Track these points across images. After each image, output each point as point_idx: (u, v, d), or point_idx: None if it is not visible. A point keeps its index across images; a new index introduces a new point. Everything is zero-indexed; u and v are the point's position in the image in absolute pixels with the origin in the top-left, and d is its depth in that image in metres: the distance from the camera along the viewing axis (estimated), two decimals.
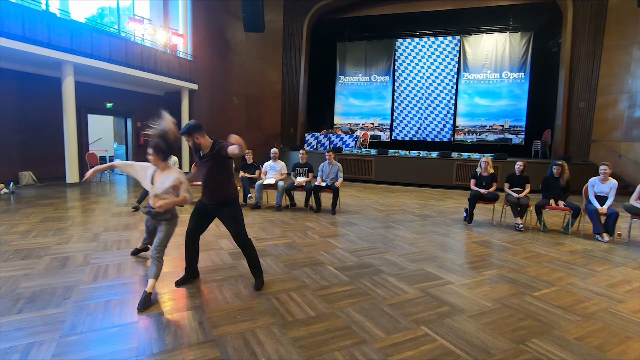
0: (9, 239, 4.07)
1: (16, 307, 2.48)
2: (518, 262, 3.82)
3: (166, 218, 2.85)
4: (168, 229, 2.85)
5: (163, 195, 2.79)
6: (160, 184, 2.78)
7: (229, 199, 2.91)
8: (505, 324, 2.46)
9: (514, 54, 12.39)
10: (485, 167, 5.65)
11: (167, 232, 2.84)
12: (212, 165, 2.80)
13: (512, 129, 12.57)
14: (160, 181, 2.80)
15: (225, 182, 2.89)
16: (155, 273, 2.66)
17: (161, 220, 2.85)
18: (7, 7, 6.98)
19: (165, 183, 2.77)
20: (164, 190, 2.77)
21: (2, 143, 8.33)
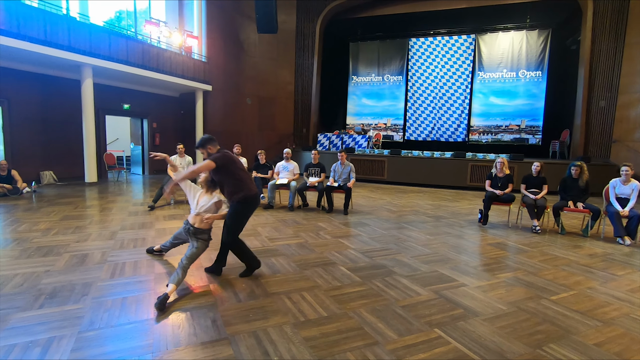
0: (31, 237, 4.21)
1: (37, 303, 2.56)
2: (535, 264, 3.74)
3: (203, 238, 3.09)
4: (201, 247, 3.06)
5: (203, 213, 3.08)
6: (203, 202, 3.13)
7: (235, 199, 3.07)
8: (521, 328, 2.41)
9: (531, 52, 12.12)
10: (501, 167, 5.55)
11: (200, 249, 3.03)
12: (215, 171, 3.04)
13: (529, 129, 12.30)
14: (203, 200, 3.14)
15: (233, 185, 3.06)
16: (178, 281, 2.75)
17: (199, 238, 3.06)
18: (30, 12, 7.22)
19: (209, 202, 3.11)
20: (206, 208, 3.10)
21: (26, 143, 8.61)
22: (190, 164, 6.68)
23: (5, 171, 6.88)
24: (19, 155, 8.45)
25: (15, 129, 8.41)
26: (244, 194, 3.05)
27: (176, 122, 12.60)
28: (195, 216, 3.10)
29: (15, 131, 8.41)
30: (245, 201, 3.08)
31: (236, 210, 3.08)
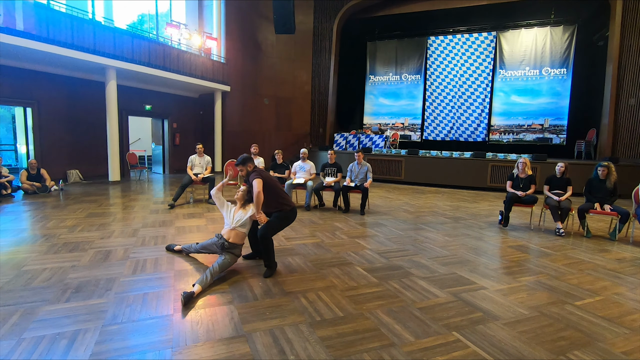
0: (59, 233, 4.38)
1: (64, 296, 2.67)
2: (558, 268, 3.62)
3: (235, 253, 3.27)
4: (230, 260, 3.20)
5: (237, 228, 3.28)
6: (239, 217, 3.32)
7: (273, 211, 3.34)
8: (543, 333, 2.33)
9: (556, 49, 11.72)
10: (523, 168, 5.40)
11: (229, 261, 3.19)
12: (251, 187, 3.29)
13: (553, 128, 11.90)
14: (239, 215, 3.34)
15: (270, 198, 3.29)
16: (204, 284, 2.87)
17: (229, 251, 3.22)
18: (59, 17, 7.51)
19: (245, 217, 3.31)
20: (242, 222, 3.30)
21: (54, 143, 8.98)
22: (209, 164, 6.81)
23: (35, 170, 7.19)
24: (48, 154, 8.81)
25: (44, 130, 8.78)
26: (292, 207, 3.41)
27: (195, 122, 12.85)
28: (230, 230, 3.28)
29: (44, 131, 8.78)
30: (293, 212, 3.43)
31: (284, 216, 3.36)
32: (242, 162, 3.42)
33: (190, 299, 2.65)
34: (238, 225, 3.30)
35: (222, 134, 12.34)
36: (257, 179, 3.21)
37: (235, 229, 3.29)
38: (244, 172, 3.41)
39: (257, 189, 3.16)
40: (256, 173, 3.30)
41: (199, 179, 6.49)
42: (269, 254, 3.27)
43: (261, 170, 3.38)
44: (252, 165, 3.44)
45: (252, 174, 3.31)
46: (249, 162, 3.42)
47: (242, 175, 3.45)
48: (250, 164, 3.42)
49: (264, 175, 3.30)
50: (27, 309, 2.46)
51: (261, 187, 3.18)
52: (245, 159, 3.42)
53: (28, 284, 2.86)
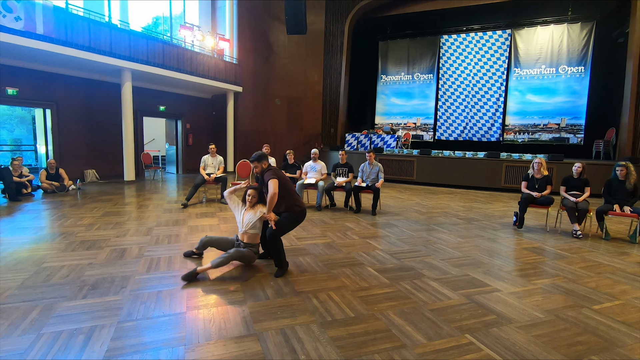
0: (76, 231, 4.49)
1: (82, 293, 2.74)
2: (575, 271, 3.54)
3: (254, 250, 3.41)
4: (249, 254, 3.34)
5: (248, 230, 3.37)
6: (248, 219, 3.39)
7: (286, 210, 3.33)
8: (559, 337, 2.28)
9: (573, 46, 11.44)
10: (539, 168, 5.29)
11: (248, 255, 3.33)
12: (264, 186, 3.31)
13: (570, 128, 11.61)
14: (248, 217, 3.40)
15: (281, 199, 3.26)
16: (216, 264, 3.08)
17: (249, 248, 3.38)
18: (76, 20, 7.71)
19: (254, 219, 3.38)
20: (252, 224, 3.37)
21: (72, 144, 9.21)
22: (221, 164, 6.88)
23: (54, 169, 7.39)
24: (66, 154, 9.05)
25: (62, 130, 9.02)
26: (302, 209, 3.39)
27: (208, 122, 13.01)
28: (243, 234, 3.39)
29: (62, 132, 9.02)
30: (302, 213, 3.40)
31: (293, 217, 3.35)
32: (258, 158, 3.36)
33: (192, 277, 2.99)
34: (249, 228, 3.36)
35: (234, 134, 12.46)
36: (274, 179, 3.17)
37: (247, 232, 3.37)
38: (259, 169, 3.37)
39: (273, 190, 3.14)
40: (272, 172, 3.26)
41: (211, 179, 6.57)
42: (278, 254, 3.28)
43: (276, 169, 3.35)
44: (267, 163, 3.40)
45: (267, 173, 3.28)
46: (264, 160, 3.37)
47: (256, 172, 3.40)
48: (265, 161, 3.38)
49: (279, 175, 3.28)
50: (46, 304, 2.53)
51: (277, 188, 3.16)
52: (261, 156, 3.37)
53: (47, 281, 2.95)
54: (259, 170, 3.37)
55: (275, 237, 3.24)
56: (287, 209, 3.32)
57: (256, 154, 3.38)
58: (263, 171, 3.35)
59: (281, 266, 3.29)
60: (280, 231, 3.29)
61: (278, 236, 3.27)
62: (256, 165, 3.36)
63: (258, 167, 3.36)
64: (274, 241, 3.25)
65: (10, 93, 7.99)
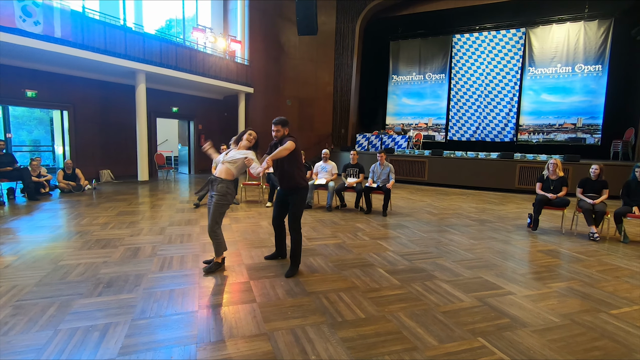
0: (92, 230, 4.59)
1: (97, 291, 2.80)
2: (592, 275, 3.45)
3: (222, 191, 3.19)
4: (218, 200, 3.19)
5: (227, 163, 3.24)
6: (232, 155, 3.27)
7: (298, 186, 3.25)
8: (575, 342, 2.23)
9: (590, 44, 11.17)
10: (554, 169, 5.18)
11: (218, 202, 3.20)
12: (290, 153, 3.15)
13: (587, 128, 11.34)
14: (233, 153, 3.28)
15: (294, 172, 3.22)
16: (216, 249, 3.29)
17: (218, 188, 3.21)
18: (93, 24, 7.88)
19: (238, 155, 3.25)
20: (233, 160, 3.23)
21: (88, 144, 9.42)
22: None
23: (71, 170, 7.57)
24: (82, 155, 9.25)
25: (79, 131, 9.23)
26: (306, 184, 3.29)
27: (220, 123, 13.14)
28: (221, 168, 3.25)
29: (79, 133, 9.23)
30: (307, 189, 3.31)
31: (302, 196, 3.26)
32: (283, 123, 3.24)
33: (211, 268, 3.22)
34: (228, 161, 3.22)
35: None
36: (292, 141, 3.11)
37: (225, 164, 3.23)
38: (280, 133, 3.23)
39: (289, 147, 3.05)
40: (293, 138, 3.18)
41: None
42: (299, 248, 3.25)
43: (296, 139, 3.22)
44: (288, 130, 3.29)
45: (287, 137, 3.20)
46: (288, 126, 3.26)
47: (276, 136, 3.26)
48: (288, 128, 3.28)
49: (298, 144, 3.19)
50: (63, 301, 2.60)
51: (292, 148, 3.07)
52: (286, 122, 3.27)
53: (64, 278, 3.02)
54: (279, 134, 3.23)
55: (298, 229, 3.21)
56: (296, 183, 3.22)
57: (282, 118, 3.27)
58: (283, 137, 3.22)
59: (296, 263, 3.28)
60: (299, 220, 3.24)
61: (299, 227, 3.22)
62: (278, 129, 3.22)
63: (280, 131, 3.23)
64: (295, 234, 3.22)
65: (29, 95, 8.22)
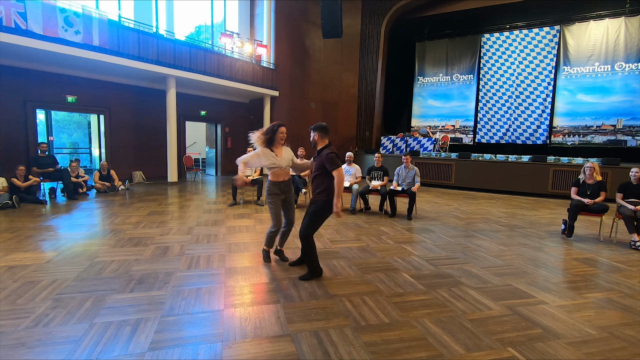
0: (125, 229, 4.80)
1: (129, 287, 2.92)
2: (634, 286, 3.24)
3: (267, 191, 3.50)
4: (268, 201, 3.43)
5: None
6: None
7: (320, 199, 3.13)
8: (614, 357, 2.10)
9: (631, 41, 10.55)
10: (591, 173, 4.91)
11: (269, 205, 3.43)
12: (318, 163, 3.16)
13: (628, 129, 10.70)
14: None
15: (323, 184, 3.12)
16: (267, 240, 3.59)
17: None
18: (128, 32, 8.27)
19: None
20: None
21: (122, 147, 9.87)
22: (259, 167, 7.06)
23: (106, 171, 7.96)
24: (116, 157, 9.70)
25: (114, 134, 9.69)
26: (329, 199, 3.11)
27: (246, 126, 13.38)
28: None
29: (114, 136, 9.69)
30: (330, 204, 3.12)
31: (320, 209, 3.14)
32: (320, 129, 3.15)
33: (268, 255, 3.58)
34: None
35: None
36: (338, 169, 2.98)
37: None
38: (317, 137, 3.15)
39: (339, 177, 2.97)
40: (334, 154, 3.04)
41: (248, 181, 6.76)
42: (311, 256, 3.17)
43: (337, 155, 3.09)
44: (328, 139, 3.18)
45: (327, 150, 3.07)
46: (326, 133, 3.16)
47: (315, 139, 3.17)
48: (327, 137, 3.16)
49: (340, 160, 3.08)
50: (98, 296, 2.73)
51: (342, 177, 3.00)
52: (323, 128, 3.16)
53: (99, 274, 3.17)
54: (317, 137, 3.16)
55: (308, 236, 3.13)
56: (327, 195, 3.09)
57: (320, 124, 3.17)
58: (323, 148, 3.13)
59: (312, 271, 3.20)
60: (313, 229, 3.17)
61: (310, 235, 3.15)
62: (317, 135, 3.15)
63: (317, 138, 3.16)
64: (305, 241, 3.14)
65: (69, 100, 8.72)
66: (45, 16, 6.76)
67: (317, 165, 3.15)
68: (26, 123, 7.96)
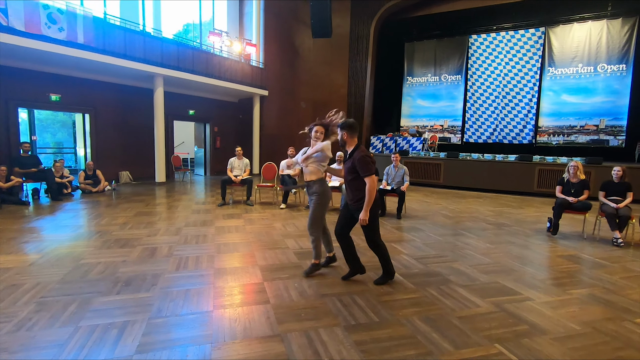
0: (111, 230, 4.71)
1: (115, 289, 2.87)
2: (616, 282, 3.33)
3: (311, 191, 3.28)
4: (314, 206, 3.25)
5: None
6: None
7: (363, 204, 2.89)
8: (598, 351, 2.16)
9: (613, 43, 10.82)
10: (575, 172, 5.03)
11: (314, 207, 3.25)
12: (349, 167, 2.97)
13: (610, 129, 10.97)
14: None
15: (361, 187, 2.91)
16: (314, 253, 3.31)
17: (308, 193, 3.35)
18: (113, 29, 8.13)
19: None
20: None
21: (108, 146, 9.69)
22: (248, 166, 7.01)
23: (92, 171, 7.80)
24: (103, 156, 9.52)
25: (99, 134, 9.50)
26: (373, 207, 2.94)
27: (235, 126, 13.31)
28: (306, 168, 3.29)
29: (99, 136, 9.51)
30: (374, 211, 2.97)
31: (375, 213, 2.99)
32: (348, 127, 2.92)
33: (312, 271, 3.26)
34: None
35: (260, 137, 12.67)
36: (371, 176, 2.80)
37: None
38: (346, 136, 2.93)
39: (371, 184, 2.79)
40: (368, 158, 2.85)
41: (238, 180, 6.72)
42: (385, 259, 3.07)
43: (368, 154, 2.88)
44: (357, 138, 2.96)
45: (359, 153, 2.85)
46: (353, 131, 2.93)
47: (344, 139, 2.95)
48: (356, 137, 2.95)
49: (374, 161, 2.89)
50: (83, 299, 2.67)
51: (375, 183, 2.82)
52: (351, 126, 2.93)
53: (85, 276, 3.11)
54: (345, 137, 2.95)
55: (376, 242, 3.03)
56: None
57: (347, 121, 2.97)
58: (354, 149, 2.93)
59: (388, 271, 3.10)
60: (376, 233, 3.04)
61: (378, 240, 3.03)
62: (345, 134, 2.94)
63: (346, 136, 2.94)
64: (377, 249, 3.05)
65: (53, 99, 8.52)
66: (28, 12, 6.59)
67: (350, 169, 2.93)
68: (8, 122, 7.74)
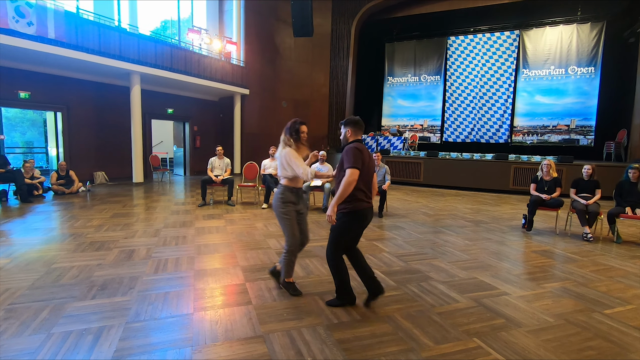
0: (85, 232, 4.55)
1: (91, 293, 2.77)
2: (586, 275, 3.48)
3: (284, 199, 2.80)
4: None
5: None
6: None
7: (343, 209, 2.52)
8: (569, 342, 2.25)
9: (583, 47, 11.30)
10: (548, 170, 5.23)
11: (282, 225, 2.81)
12: (340, 163, 2.57)
13: (580, 129, 11.46)
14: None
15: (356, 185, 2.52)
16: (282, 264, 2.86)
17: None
18: (87, 24, 7.84)
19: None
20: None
21: (82, 146, 9.35)
22: (229, 166, 6.92)
23: (65, 171, 7.50)
24: (76, 156, 9.18)
25: (73, 133, 9.16)
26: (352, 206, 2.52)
27: (216, 125, 13.10)
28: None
29: (73, 135, 9.16)
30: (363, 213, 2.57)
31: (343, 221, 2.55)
32: (356, 124, 2.60)
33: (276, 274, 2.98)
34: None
35: (241, 136, 12.53)
36: (353, 169, 2.39)
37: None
38: (349, 134, 2.60)
39: (350, 178, 2.39)
40: (357, 150, 2.45)
41: (218, 180, 6.61)
42: (339, 280, 2.64)
43: (361, 148, 2.50)
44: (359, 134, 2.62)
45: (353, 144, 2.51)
46: (362, 131, 2.63)
47: (347, 137, 2.62)
48: (360, 135, 2.62)
49: (364, 158, 2.48)
50: (56, 304, 2.57)
51: (355, 178, 2.40)
52: (361, 124, 2.62)
53: (57, 281, 2.99)
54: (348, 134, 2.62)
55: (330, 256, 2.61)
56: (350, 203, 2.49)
57: (352, 118, 2.64)
58: (349, 142, 2.59)
59: (338, 295, 2.68)
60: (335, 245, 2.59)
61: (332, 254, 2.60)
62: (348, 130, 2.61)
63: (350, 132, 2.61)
64: (330, 263, 2.63)
65: (22, 96, 8.14)
66: None
67: (340, 165, 2.56)
68: None
